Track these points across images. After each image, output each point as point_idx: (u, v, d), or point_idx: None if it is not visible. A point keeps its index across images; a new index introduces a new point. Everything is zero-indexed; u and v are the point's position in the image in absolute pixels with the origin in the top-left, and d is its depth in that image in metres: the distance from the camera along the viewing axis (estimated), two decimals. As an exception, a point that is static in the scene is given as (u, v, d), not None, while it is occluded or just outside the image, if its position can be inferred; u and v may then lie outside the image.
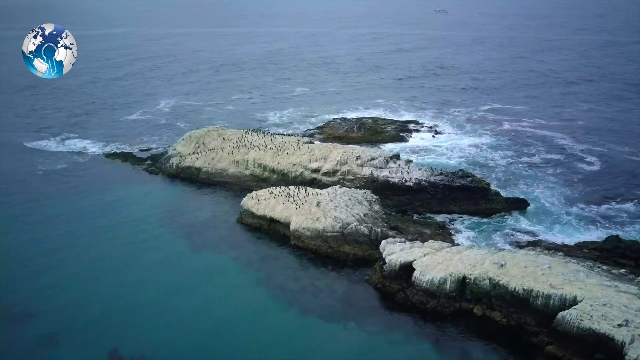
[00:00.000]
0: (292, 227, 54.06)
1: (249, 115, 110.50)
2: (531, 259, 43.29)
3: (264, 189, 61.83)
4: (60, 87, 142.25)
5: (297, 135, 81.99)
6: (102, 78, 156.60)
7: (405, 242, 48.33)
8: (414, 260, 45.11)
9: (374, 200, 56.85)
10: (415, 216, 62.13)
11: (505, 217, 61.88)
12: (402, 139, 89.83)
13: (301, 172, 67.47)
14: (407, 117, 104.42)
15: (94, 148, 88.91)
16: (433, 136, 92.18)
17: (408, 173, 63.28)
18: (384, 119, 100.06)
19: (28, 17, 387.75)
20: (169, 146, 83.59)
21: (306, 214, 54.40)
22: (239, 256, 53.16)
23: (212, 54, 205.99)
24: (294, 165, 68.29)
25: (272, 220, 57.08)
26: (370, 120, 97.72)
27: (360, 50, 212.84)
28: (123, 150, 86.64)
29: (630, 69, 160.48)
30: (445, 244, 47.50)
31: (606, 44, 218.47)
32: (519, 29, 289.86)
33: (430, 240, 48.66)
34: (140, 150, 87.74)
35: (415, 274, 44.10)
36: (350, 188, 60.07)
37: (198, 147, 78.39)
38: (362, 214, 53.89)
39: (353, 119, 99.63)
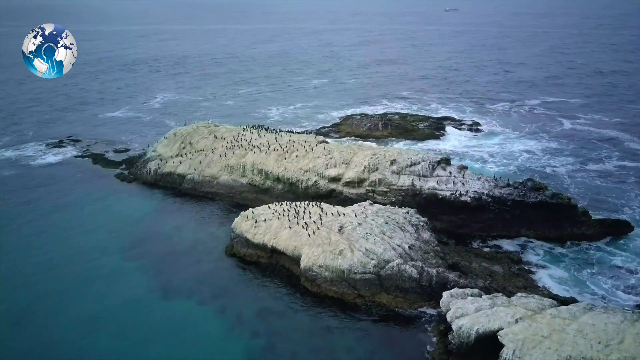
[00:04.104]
0: (303, 263, 37.04)
1: (250, 112, 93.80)
2: None
3: (263, 206, 44.89)
4: (41, 81, 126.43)
5: (309, 133, 64.89)
6: (90, 72, 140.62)
7: (480, 296, 31.06)
8: (501, 329, 27.86)
9: (421, 224, 39.61)
10: (473, 243, 44.96)
11: (598, 246, 44.50)
12: (437, 139, 72.62)
13: (315, 182, 50.47)
14: (442, 112, 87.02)
15: (58, 149, 72.56)
16: (475, 135, 74.92)
17: (463, 184, 45.96)
18: (414, 115, 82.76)
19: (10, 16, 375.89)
20: (148, 146, 66.98)
21: (324, 245, 37.38)
22: (225, 308, 36.16)
23: (211, 50, 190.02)
24: (306, 171, 51.33)
25: (274, 251, 40.16)
26: (397, 116, 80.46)
27: (378, 44, 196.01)
28: (94, 152, 70.20)
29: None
30: (547, 301, 30.06)
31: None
32: (540, 25, 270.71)
33: (520, 294, 31.21)
34: (116, 151, 71.22)
35: (506, 353, 26.79)
36: (386, 205, 42.88)
37: (183, 148, 61.77)
38: (406, 246, 36.71)
39: (376, 114, 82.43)
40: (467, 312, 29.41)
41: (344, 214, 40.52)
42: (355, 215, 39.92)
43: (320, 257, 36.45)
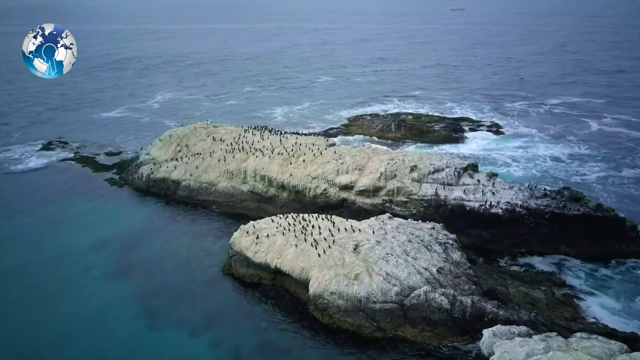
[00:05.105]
0: (312, 289, 31.56)
1: (253, 112, 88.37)
2: None
3: (266, 219, 39.44)
4: (37, 79, 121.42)
5: (318, 135, 59.43)
6: (88, 71, 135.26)
7: (530, 336, 25.48)
8: (560, 381, 22.31)
9: (450, 242, 34.03)
10: (501, 261, 39.44)
11: (643, 263, 39.03)
12: (456, 141, 67.05)
13: (324, 190, 44.99)
14: (458, 112, 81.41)
15: (46, 152, 67.34)
16: (495, 137, 69.42)
17: (494, 194, 40.37)
18: (428, 115, 77.12)
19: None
20: (141, 149, 61.73)
21: (336, 267, 31.90)
22: (221, 340, 30.83)
23: (213, 48, 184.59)
24: (314, 178, 45.86)
25: (278, 272, 34.70)
26: (410, 117, 74.87)
27: (383, 42, 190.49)
28: (84, 155, 65.06)
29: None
30: (616, 344, 24.38)
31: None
32: (545, 24, 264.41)
33: (579, 335, 25.57)
34: (108, 154, 65.98)
35: (569, 414, 21.26)
36: (407, 219, 37.29)
37: (179, 151, 56.48)
38: (434, 270, 31.17)
39: (388, 114, 76.89)
40: (516, 357, 23.85)
41: (359, 230, 35.02)
42: (373, 232, 34.42)
43: (333, 282, 30.96)
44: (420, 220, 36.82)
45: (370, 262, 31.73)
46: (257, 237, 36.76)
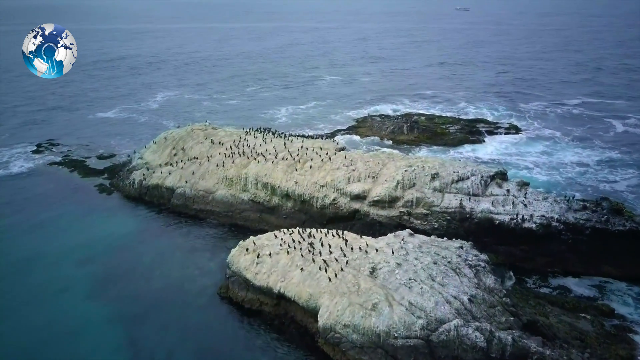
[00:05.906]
0: (322, 320, 26.94)
1: (256, 112, 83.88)
2: None
3: (268, 234, 34.86)
4: (34, 77, 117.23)
5: (326, 138, 54.83)
6: (87, 70, 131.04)
7: (591, 389, 20.83)
8: None
9: (481, 264, 29.30)
10: (529, 281, 34.84)
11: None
12: (472, 144, 62.44)
13: (334, 200, 40.35)
14: (472, 112, 76.76)
15: (33, 155, 63.09)
16: (514, 140, 64.77)
17: (526, 206, 35.67)
18: (442, 116, 72.36)
19: None
20: (134, 152, 57.30)
21: (350, 294, 27.29)
22: (215, 382, 26.30)
23: (215, 47, 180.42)
24: (322, 186, 41.24)
25: (282, 297, 30.12)
26: (423, 118, 70.11)
27: (389, 40, 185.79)
28: (73, 158, 60.73)
29: None
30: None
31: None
32: (552, 23, 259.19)
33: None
34: (99, 157, 61.57)
35: None
36: (431, 236, 32.59)
37: (175, 155, 51.96)
38: (465, 298, 26.50)
39: (399, 115, 72.21)
40: (578, 418, 19.23)
41: (376, 249, 30.34)
42: (392, 252, 29.75)
43: (346, 313, 26.37)
44: (445, 238, 32.12)
45: (390, 289, 27.12)
46: (257, 256, 32.21)
